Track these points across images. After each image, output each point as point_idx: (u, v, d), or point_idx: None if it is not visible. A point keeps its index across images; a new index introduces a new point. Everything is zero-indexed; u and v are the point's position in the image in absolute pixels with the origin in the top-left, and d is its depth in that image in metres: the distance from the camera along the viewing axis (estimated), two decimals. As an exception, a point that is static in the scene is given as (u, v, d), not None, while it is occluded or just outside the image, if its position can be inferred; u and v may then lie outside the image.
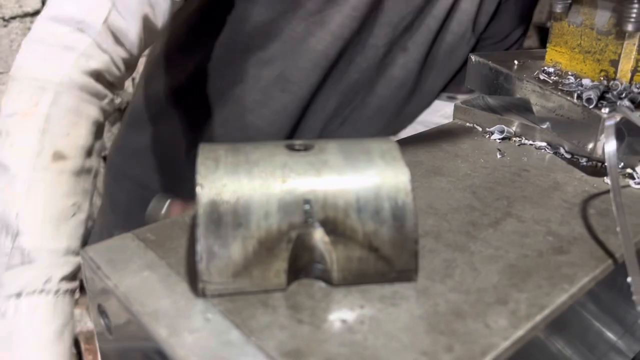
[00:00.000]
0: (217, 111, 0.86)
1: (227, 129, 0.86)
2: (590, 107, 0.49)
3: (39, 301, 0.49)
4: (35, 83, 0.54)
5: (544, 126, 0.56)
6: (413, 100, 0.91)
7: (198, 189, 0.32)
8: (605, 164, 0.50)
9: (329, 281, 0.34)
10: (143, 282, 0.34)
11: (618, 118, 0.46)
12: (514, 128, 0.58)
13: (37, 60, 0.55)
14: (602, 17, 0.53)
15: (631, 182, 0.48)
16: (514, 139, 0.57)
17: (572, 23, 0.58)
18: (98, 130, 0.58)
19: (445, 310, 0.32)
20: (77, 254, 0.54)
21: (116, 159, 0.97)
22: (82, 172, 0.56)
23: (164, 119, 0.91)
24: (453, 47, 0.85)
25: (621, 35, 0.52)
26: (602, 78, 0.54)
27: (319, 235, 0.33)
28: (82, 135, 0.56)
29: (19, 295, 0.49)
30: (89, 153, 0.57)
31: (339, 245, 0.33)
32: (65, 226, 0.54)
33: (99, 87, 0.57)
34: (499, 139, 0.57)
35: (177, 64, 0.89)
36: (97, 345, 0.41)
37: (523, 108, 0.59)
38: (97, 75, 0.57)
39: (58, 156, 0.53)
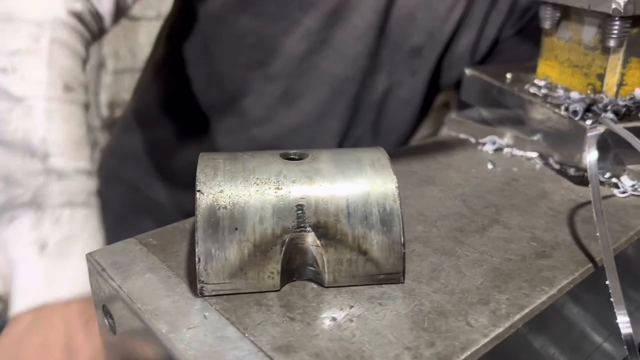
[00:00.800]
0: (221, 121, 0.88)
1: (232, 140, 0.88)
2: (576, 119, 0.51)
3: (89, 212, 0.58)
4: (30, 21, 0.59)
5: (535, 138, 0.58)
6: (422, 120, 0.94)
7: (197, 195, 0.34)
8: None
9: (320, 283, 0.36)
10: (145, 283, 0.36)
11: (602, 129, 0.48)
12: (505, 139, 0.60)
13: (28, 1, 0.60)
14: (589, 33, 0.56)
15: (616, 191, 0.50)
16: (506, 150, 0.59)
17: (561, 38, 0.60)
18: (84, 69, 0.64)
19: (430, 309, 0.34)
20: (94, 175, 0.61)
21: (110, 162, 0.99)
22: (85, 105, 0.62)
23: (165, 125, 0.93)
24: (453, 69, 0.87)
25: (606, 50, 0.54)
26: (588, 91, 0.56)
27: (311, 239, 0.35)
28: (79, 70, 0.62)
29: (70, 204, 0.56)
30: (86, 89, 0.63)
31: (330, 248, 0.35)
32: (85, 150, 0.60)
33: (82, 29, 0.63)
34: (491, 150, 0.59)
35: (180, 72, 0.91)
36: (102, 349, 0.43)
37: (515, 120, 0.61)
38: (80, 18, 0.63)
39: (67, 88, 0.59)
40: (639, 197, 0.49)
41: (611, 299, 0.37)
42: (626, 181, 0.51)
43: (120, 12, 0.69)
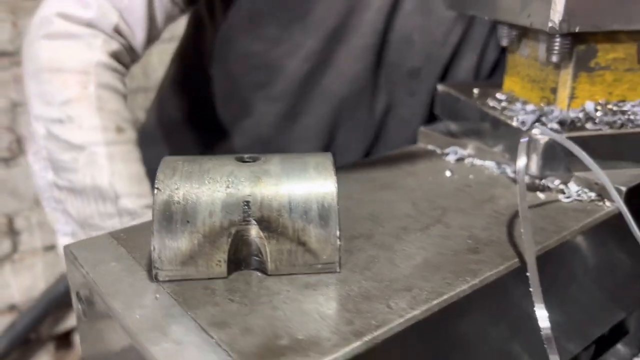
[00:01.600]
0: (231, 138, 0.92)
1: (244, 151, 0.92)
2: (524, 129, 0.54)
3: None
4: (77, 69, 0.63)
5: (495, 149, 0.61)
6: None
7: (155, 192, 0.39)
8: (543, 180, 0.55)
9: (264, 271, 0.40)
10: (110, 270, 0.40)
11: (546, 137, 0.52)
12: (468, 150, 0.64)
13: (71, 50, 0.65)
14: (544, 50, 0.59)
15: (561, 196, 0.53)
16: (467, 160, 0.63)
17: (522, 55, 0.64)
18: (127, 106, 0.69)
19: (357, 294, 0.37)
20: None
21: None
22: (136, 141, 0.67)
23: (175, 140, 0.98)
24: None
25: (558, 65, 0.57)
26: (542, 104, 0.59)
27: (255, 232, 0.39)
28: (124, 109, 0.67)
29: None
30: (133, 125, 0.68)
31: (272, 240, 0.39)
32: (146, 185, 0.65)
33: (120, 66, 0.68)
34: (453, 160, 0.63)
35: (188, 90, 0.96)
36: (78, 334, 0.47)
37: (477, 132, 0.64)
38: (117, 56, 0.67)
39: (119, 129, 0.64)
40: (581, 202, 0.52)
41: (530, 289, 0.40)
42: (572, 187, 0.54)
43: (151, 41, 0.74)
